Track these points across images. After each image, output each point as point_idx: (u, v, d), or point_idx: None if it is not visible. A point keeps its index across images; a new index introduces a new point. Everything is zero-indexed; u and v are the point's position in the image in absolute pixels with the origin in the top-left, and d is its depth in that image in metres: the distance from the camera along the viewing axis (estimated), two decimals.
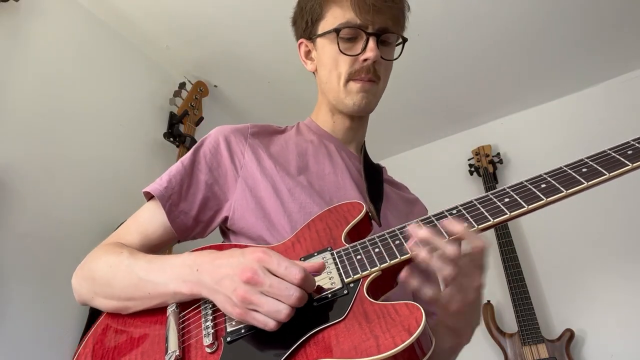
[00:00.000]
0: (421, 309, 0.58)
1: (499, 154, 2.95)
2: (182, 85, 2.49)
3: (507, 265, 2.49)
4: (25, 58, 1.88)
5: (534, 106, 3.01)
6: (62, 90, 1.99)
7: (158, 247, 0.86)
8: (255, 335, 0.64)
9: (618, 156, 0.64)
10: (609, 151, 0.66)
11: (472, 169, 2.96)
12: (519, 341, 2.35)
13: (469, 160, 3.03)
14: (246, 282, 0.60)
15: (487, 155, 2.92)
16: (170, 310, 0.71)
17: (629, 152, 0.64)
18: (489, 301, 2.59)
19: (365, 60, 0.89)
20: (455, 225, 0.64)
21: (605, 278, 2.46)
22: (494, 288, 2.69)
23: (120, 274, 0.75)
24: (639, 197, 2.52)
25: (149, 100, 2.42)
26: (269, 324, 0.60)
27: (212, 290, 0.65)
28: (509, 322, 2.56)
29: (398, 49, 0.98)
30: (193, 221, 0.86)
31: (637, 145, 0.65)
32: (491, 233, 2.68)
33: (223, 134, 0.91)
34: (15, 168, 1.72)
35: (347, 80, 0.91)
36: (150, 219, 0.85)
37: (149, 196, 0.87)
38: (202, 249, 0.76)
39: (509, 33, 2.46)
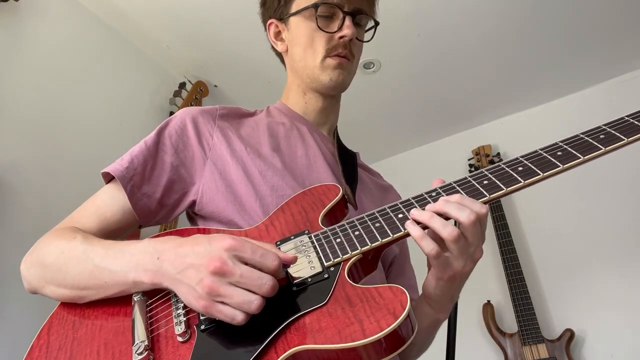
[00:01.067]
0: (405, 292, 0.57)
1: (499, 153, 2.95)
2: (182, 85, 2.49)
3: (507, 265, 2.49)
4: (25, 58, 1.88)
5: (534, 106, 3.02)
6: (61, 90, 1.99)
7: (117, 232, 0.80)
8: None
9: (591, 140, 0.66)
10: (582, 135, 0.68)
11: (472, 169, 2.96)
12: (519, 341, 2.35)
13: (469, 160, 3.03)
14: (213, 272, 0.56)
15: (487, 155, 2.92)
16: (136, 298, 0.66)
17: (602, 137, 0.66)
18: (489, 301, 2.59)
19: (341, 37, 0.90)
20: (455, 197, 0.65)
21: (606, 278, 2.46)
22: (494, 288, 2.69)
23: (73, 260, 0.69)
24: (639, 197, 2.53)
25: (149, 100, 2.42)
26: (237, 317, 0.56)
27: (174, 281, 0.60)
28: (509, 322, 2.55)
29: (369, 34, 1.00)
30: (157, 205, 0.81)
31: (608, 129, 0.67)
32: (491, 233, 2.68)
33: (190, 115, 0.87)
34: (15, 168, 1.72)
35: (324, 57, 0.91)
36: (110, 201, 0.80)
37: (108, 178, 0.81)
38: (163, 234, 0.72)
39: (509, 33, 2.46)
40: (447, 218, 0.64)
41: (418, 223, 0.65)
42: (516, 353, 2.33)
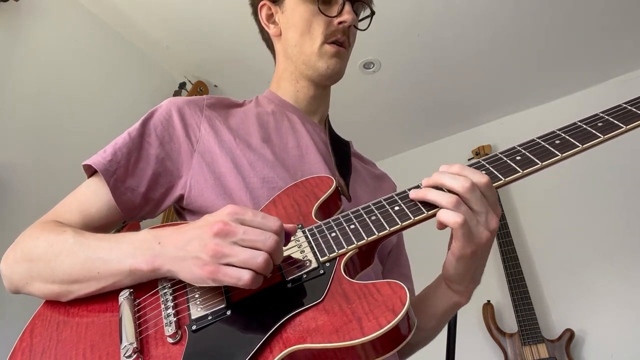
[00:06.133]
0: (405, 287, 0.55)
1: None
2: (182, 85, 2.49)
3: (507, 265, 2.49)
4: (25, 58, 1.88)
5: (534, 106, 3.02)
6: (61, 90, 1.99)
7: (102, 228, 0.77)
8: (224, 322, 0.58)
9: (589, 128, 0.65)
10: (579, 123, 0.66)
11: None
12: (519, 341, 2.35)
13: (469, 160, 3.03)
14: (216, 234, 0.55)
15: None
16: (123, 297, 0.63)
17: (599, 124, 0.65)
18: (489, 301, 2.59)
19: (340, 23, 0.88)
20: (452, 167, 0.65)
21: (606, 278, 2.46)
22: (494, 288, 2.69)
23: (63, 253, 0.65)
24: (639, 197, 2.53)
25: (149, 100, 2.42)
26: (244, 277, 0.54)
27: (176, 259, 0.58)
28: (509, 322, 2.55)
29: (364, 23, 0.98)
30: (142, 199, 0.77)
31: (606, 117, 0.66)
32: None
33: (176, 105, 0.82)
34: (15, 168, 1.72)
35: (322, 43, 0.88)
36: (93, 196, 0.76)
37: (90, 171, 0.77)
38: (161, 226, 0.68)
39: (509, 33, 2.46)
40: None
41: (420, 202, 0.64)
42: (516, 353, 2.33)
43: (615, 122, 0.65)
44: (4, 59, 1.80)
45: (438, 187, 0.64)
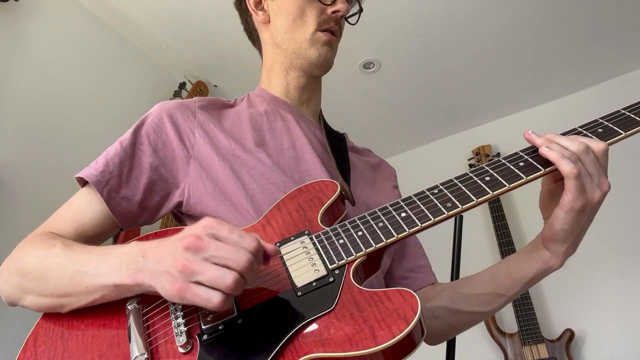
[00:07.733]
0: (415, 295, 0.55)
1: (499, 153, 2.95)
2: (182, 85, 2.49)
3: None
4: (25, 58, 1.88)
5: (534, 106, 3.02)
6: (61, 90, 1.99)
7: (96, 238, 0.76)
8: (235, 331, 0.58)
9: (590, 135, 0.67)
10: (580, 129, 0.68)
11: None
12: (519, 341, 2.35)
13: (469, 160, 3.03)
14: (187, 248, 0.53)
15: (487, 155, 2.92)
16: (131, 307, 0.62)
17: (600, 130, 0.67)
18: None
19: (334, 12, 0.88)
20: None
21: (606, 278, 2.46)
22: None
23: (53, 267, 0.65)
24: (639, 197, 2.53)
25: (149, 100, 2.42)
26: (213, 299, 0.51)
27: (155, 273, 0.56)
28: (509, 322, 2.55)
29: (353, 19, 0.98)
30: (138, 207, 0.77)
31: (606, 123, 0.67)
32: (491, 233, 2.68)
33: (167, 111, 0.81)
34: (15, 168, 1.72)
35: (315, 31, 0.88)
36: (86, 206, 0.76)
37: (83, 182, 0.77)
38: (150, 235, 0.68)
39: (509, 33, 2.46)
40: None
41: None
42: (516, 353, 2.33)
43: (615, 128, 0.66)
44: (4, 59, 1.80)
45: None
